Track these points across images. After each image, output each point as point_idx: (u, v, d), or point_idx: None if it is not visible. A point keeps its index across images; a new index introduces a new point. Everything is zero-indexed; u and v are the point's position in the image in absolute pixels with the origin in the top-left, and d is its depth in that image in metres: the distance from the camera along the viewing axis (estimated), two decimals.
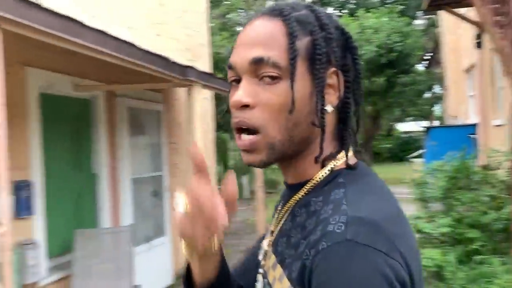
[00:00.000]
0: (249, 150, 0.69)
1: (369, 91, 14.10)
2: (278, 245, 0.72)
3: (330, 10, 25.99)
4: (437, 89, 20.01)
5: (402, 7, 19.78)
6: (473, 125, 10.17)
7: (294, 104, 0.65)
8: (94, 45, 2.32)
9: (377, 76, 13.88)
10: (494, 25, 5.01)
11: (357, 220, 0.59)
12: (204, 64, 7.16)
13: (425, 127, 14.37)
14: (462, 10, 8.72)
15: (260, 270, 0.77)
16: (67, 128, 3.99)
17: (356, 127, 0.74)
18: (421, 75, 17.06)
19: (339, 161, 0.71)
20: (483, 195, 5.15)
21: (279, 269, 0.69)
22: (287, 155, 0.70)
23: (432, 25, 18.88)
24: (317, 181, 0.70)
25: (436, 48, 19.32)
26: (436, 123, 22.27)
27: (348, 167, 0.70)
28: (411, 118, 31.79)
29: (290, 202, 0.73)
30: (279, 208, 0.78)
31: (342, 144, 0.72)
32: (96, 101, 4.35)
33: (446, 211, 5.44)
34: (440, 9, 8.43)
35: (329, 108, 0.69)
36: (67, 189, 3.93)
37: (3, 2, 1.91)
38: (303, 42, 0.68)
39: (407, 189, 6.53)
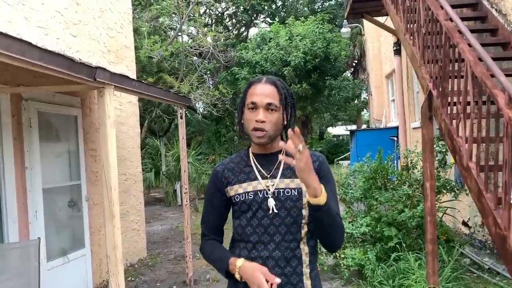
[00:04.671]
0: (261, 137, 1.60)
1: (298, 96, 14.31)
2: (286, 173, 1.63)
3: (261, 17, 26.22)
4: (364, 94, 20.86)
5: (329, 15, 20.42)
6: (395, 128, 10.65)
7: (283, 121, 1.66)
8: None
9: (304, 82, 14.10)
10: (406, 32, 5.28)
11: (318, 152, 1.75)
12: (129, 67, 6.91)
13: (350, 130, 14.89)
14: (381, 19, 9.15)
15: (268, 195, 1.60)
16: None
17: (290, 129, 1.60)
18: (348, 81, 17.64)
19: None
20: (400, 194, 5.37)
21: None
22: (273, 138, 1.64)
23: (359, 33, 19.66)
24: (283, 149, 1.54)
25: (361, 56, 20.18)
26: (363, 127, 23.27)
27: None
28: (341, 122, 32.97)
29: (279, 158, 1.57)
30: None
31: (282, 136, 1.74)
32: (1, 104, 4.02)
33: (367, 210, 5.63)
34: (361, 17, 8.76)
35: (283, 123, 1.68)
36: None
37: None
38: (282, 98, 1.63)
39: None
